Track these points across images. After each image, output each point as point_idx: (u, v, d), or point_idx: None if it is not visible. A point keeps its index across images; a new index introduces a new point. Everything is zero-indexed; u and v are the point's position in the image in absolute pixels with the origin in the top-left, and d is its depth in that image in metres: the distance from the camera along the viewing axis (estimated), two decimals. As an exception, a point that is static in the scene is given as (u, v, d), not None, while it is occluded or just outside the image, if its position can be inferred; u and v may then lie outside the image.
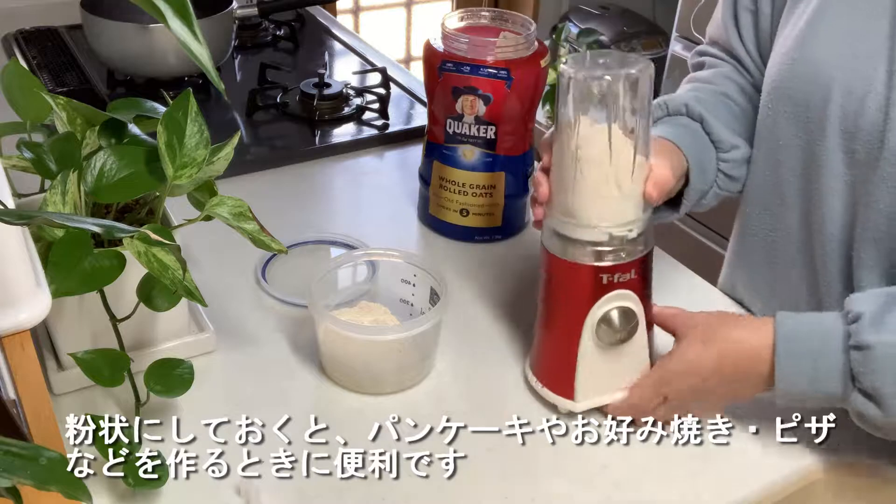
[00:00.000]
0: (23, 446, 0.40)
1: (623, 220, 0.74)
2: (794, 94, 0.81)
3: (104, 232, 0.44)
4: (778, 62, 0.84)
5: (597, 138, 0.71)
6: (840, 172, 0.79)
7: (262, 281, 0.98)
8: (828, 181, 0.80)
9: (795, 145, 0.83)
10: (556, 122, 0.73)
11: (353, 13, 3.00)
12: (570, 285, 0.77)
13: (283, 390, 0.84)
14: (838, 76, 0.77)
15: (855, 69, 0.76)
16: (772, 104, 0.85)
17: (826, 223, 0.82)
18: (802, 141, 0.82)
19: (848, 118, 0.77)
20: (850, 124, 0.77)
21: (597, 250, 0.74)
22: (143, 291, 0.75)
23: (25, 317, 0.53)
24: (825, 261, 0.83)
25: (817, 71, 0.79)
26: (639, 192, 0.74)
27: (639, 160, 0.72)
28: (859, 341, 0.68)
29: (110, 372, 0.72)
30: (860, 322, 0.69)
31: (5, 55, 1.48)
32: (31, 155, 0.77)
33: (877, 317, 0.68)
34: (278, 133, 1.32)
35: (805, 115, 0.81)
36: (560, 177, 0.74)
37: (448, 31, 1.00)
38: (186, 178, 0.76)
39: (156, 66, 1.35)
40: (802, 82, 0.80)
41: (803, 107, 0.81)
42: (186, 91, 0.77)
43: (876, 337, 0.67)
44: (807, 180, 0.83)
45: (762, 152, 0.88)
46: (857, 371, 0.68)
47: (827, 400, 0.71)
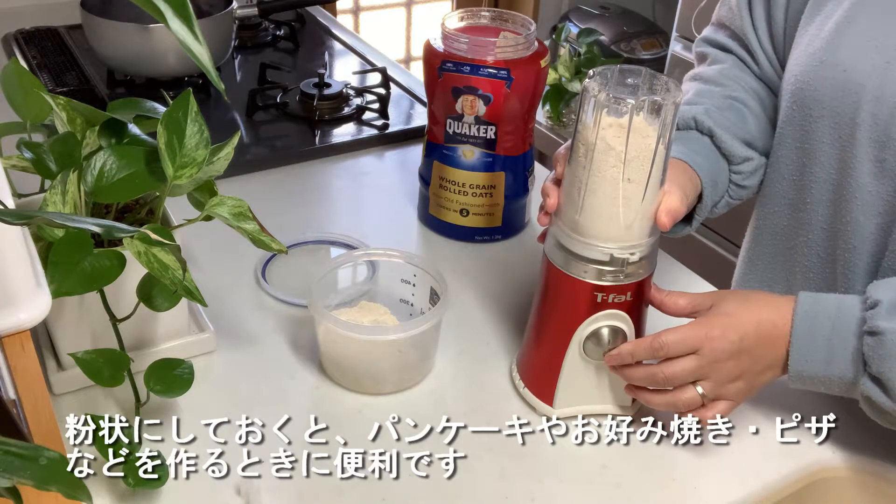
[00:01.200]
0: (23, 446, 0.40)
1: (628, 242, 0.73)
2: (822, 97, 0.79)
3: (104, 232, 0.44)
4: (804, 62, 0.81)
5: (612, 159, 0.70)
6: (868, 182, 0.78)
7: (262, 281, 0.98)
8: (856, 191, 0.79)
9: (824, 150, 0.81)
10: (574, 134, 0.73)
11: (353, 13, 3.00)
12: (565, 297, 0.77)
13: (283, 390, 0.84)
14: (869, 83, 0.76)
15: (887, 77, 0.75)
16: (797, 104, 0.82)
17: (852, 235, 0.80)
18: (832, 147, 0.80)
19: (879, 127, 0.75)
20: (881, 133, 0.75)
21: (597, 269, 0.74)
22: (143, 291, 0.75)
23: (25, 317, 0.53)
24: (847, 274, 0.82)
25: (848, 77, 0.77)
26: (648, 216, 0.73)
27: (652, 184, 0.71)
28: (873, 327, 0.68)
29: (110, 372, 0.72)
30: (877, 308, 0.69)
31: (5, 55, 1.48)
32: (31, 155, 0.77)
33: (894, 305, 0.69)
34: (278, 133, 1.32)
35: (835, 120, 0.79)
36: (570, 192, 0.73)
37: (448, 31, 1.00)
38: (186, 178, 0.76)
39: (156, 66, 1.35)
40: (832, 87, 0.78)
41: (832, 111, 0.79)
42: (186, 91, 0.77)
43: (889, 324, 0.68)
44: (836, 186, 0.81)
45: (788, 151, 0.85)
46: (868, 356, 0.69)
47: (839, 384, 0.71)
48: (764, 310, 0.73)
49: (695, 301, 0.76)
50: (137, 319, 0.77)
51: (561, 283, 0.77)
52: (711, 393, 0.74)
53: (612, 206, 0.71)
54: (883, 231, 0.78)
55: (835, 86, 0.78)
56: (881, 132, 0.75)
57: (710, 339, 0.72)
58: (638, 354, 0.75)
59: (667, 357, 0.73)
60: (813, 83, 0.80)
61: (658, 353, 0.73)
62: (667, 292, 0.78)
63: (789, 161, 0.86)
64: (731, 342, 0.72)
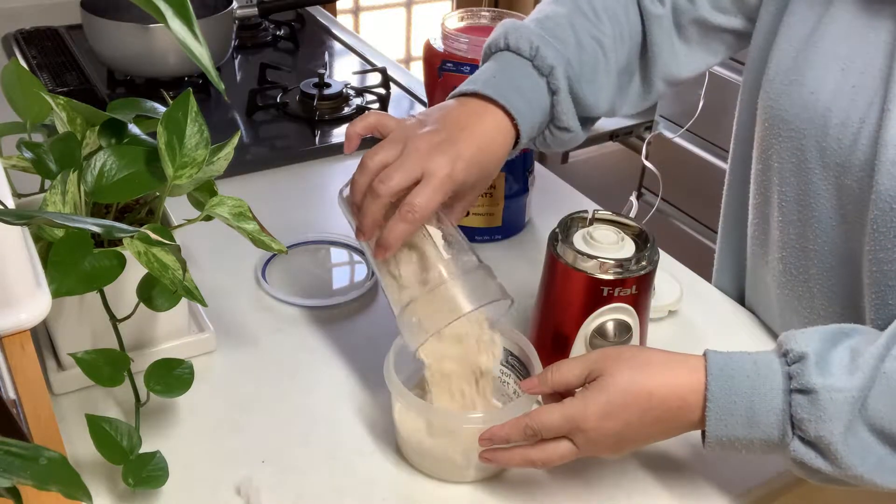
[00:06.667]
0: (23, 446, 0.40)
1: None
2: (790, 117, 0.78)
3: (104, 232, 0.44)
4: (779, 80, 0.80)
5: None
6: (833, 206, 0.76)
7: (262, 281, 0.98)
8: (821, 214, 0.77)
9: (789, 170, 0.79)
10: None
11: (353, 13, 3.00)
12: (570, 292, 0.77)
13: (283, 390, 0.84)
14: (834, 107, 0.74)
15: (851, 101, 0.73)
16: (769, 122, 0.81)
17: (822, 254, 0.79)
18: (795, 168, 0.79)
19: (843, 151, 0.73)
20: (844, 158, 0.73)
21: (602, 262, 0.75)
22: (143, 291, 0.75)
23: (25, 317, 0.53)
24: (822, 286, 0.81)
25: (815, 98, 0.76)
26: None
27: None
28: (803, 384, 0.62)
29: (110, 372, 0.72)
30: (804, 362, 0.62)
31: (5, 55, 1.48)
32: (31, 155, 0.77)
33: (821, 358, 0.62)
34: (278, 133, 1.32)
35: (801, 142, 0.77)
36: None
37: (448, 31, 1.00)
38: (186, 178, 0.76)
39: (156, 66, 1.35)
40: (799, 108, 0.77)
41: (798, 132, 0.77)
42: (186, 91, 0.77)
43: (822, 380, 0.61)
44: (801, 207, 0.79)
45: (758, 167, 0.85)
46: (799, 417, 0.62)
47: (762, 446, 0.65)
48: (664, 376, 0.66)
49: (576, 370, 0.68)
50: (137, 319, 0.77)
51: (566, 279, 0.77)
52: None
53: None
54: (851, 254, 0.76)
55: (803, 106, 0.77)
56: (844, 157, 0.73)
57: (587, 422, 0.65)
58: (513, 439, 0.68)
59: (542, 440, 0.68)
60: (784, 103, 0.79)
61: (531, 438, 0.68)
62: (541, 373, 0.70)
63: (758, 175, 0.85)
64: (613, 426, 0.66)
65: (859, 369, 0.62)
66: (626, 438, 0.67)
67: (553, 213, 0.96)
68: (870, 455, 0.62)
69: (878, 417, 0.61)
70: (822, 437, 0.62)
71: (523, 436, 0.68)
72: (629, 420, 0.66)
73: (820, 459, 0.63)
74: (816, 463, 0.63)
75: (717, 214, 1.00)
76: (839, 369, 0.62)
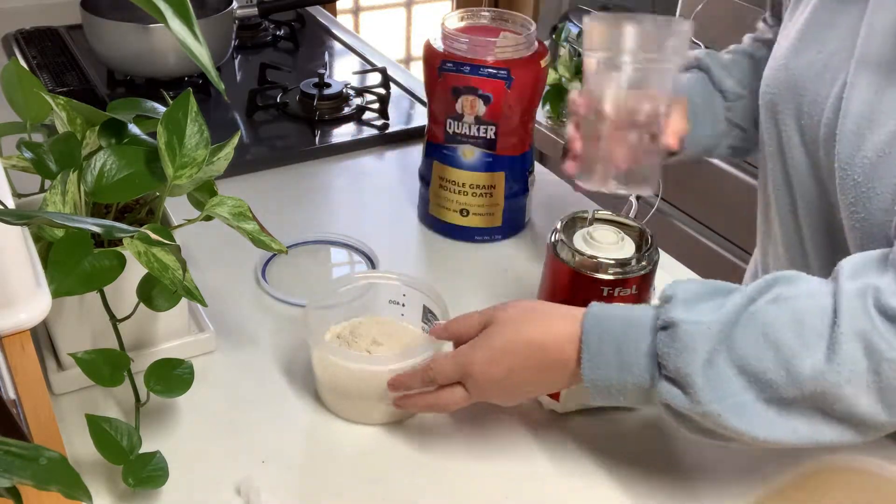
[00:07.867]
0: (23, 446, 0.40)
1: None
2: (777, 99, 0.84)
3: (104, 232, 0.44)
4: (773, 66, 0.85)
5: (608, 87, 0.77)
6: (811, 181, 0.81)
7: (262, 281, 0.98)
8: (805, 192, 0.82)
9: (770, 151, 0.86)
10: None
11: (353, 13, 3.00)
12: (570, 292, 0.77)
13: (283, 390, 0.84)
14: (810, 84, 0.80)
15: (822, 78, 0.78)
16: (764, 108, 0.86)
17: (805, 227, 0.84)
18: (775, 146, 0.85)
19: (814, 125, 0.79)
20: (815, 133, 0.79)
21: (602, 262, 0.75)
22: (143, 291, 0.75)
23: (25, 317, 0.53)
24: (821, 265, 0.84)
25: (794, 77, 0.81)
26: None
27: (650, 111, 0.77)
28: (666, 320, 0.63)
29: (110, 372, 0.72)
30: (671, 302, 0.64)
31: (5, 55, 1.48)
32: (31, 155, 0.77)
33: (690, 300, 0.64)
34: (278, 133, 1.32)
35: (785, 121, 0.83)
36: (585, 127, 0.80)
37: (448, 31, 1.00)
38: (186, 178, 0.76)
39: (156, 66, 1.35)
40: (784, 88, 0.83)
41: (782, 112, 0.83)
42: (186, 91, 0.77)
43: (684, 315, 0.63)
44: (787, 187, 0.85)
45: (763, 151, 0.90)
46: (662, 352, 0.63)
47: (636, 392, 0.66)
48: (545, 325, 0.69)
49: (474, 321, 0.73)
50: (137, 319, 0.77)
51: (566, 279, 0.77)
52: None
53: None
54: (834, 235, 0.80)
55: (786, 87, 0.83)
56: (815, 132, 0.79)
57: (474, 367, 0.70)
58: (413, 385, 0.74)
59: (439, 385, 0.73)
60: (772, 87, 0.85)
61: (428, 384, 0.73)
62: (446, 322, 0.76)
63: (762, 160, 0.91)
64: (498, 371, 0.70)
65: (724, 307, 0.63)
66: (512, 384, 0.71)
67: (553, 213, 0.97)
68: (727, 390, 0.62)
69: (742, 355, 0.62)
70: (679, 369, 0.62)
71: (423, 382, 0.73)
72: (512, 366, 0.70)
73: (681, 397, 0.63)
74: (678, 402, 0.63)
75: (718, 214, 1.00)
76: (705, 307, 0.63)
